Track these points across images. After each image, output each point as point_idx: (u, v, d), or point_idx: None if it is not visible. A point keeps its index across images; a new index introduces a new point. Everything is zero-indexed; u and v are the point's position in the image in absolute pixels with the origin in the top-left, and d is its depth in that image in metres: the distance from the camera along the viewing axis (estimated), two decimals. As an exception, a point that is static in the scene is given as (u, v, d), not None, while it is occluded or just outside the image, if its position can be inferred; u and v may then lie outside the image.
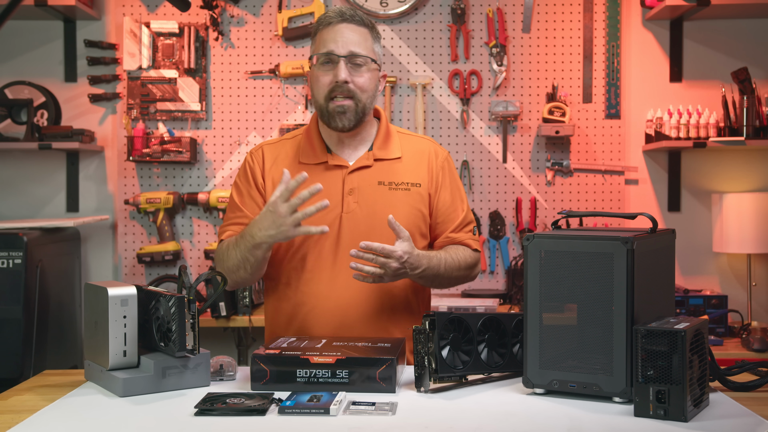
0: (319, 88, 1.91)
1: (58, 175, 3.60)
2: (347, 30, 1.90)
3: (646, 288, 1.54)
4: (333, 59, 1.89)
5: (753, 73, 3.38)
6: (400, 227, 1.78)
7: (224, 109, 3.59)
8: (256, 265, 1.86)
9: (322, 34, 1.92)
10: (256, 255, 1.83)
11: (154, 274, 3.55)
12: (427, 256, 1.87)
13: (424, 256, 1.86)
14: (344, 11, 1.93)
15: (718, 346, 3.10)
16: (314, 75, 1.93)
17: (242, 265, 1.86)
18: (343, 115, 1.89)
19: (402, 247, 1.78)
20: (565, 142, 3.55)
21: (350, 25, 1.91)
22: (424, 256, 1.86)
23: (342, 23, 1.91)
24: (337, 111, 1.89)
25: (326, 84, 1.89)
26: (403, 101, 3.58)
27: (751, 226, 3.34)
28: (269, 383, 1.60)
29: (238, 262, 1.87)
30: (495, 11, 3.55)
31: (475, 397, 1.57)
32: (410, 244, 1.80)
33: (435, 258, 1.89)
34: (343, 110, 1.89)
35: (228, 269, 1.90)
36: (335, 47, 1.88)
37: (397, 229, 1.78)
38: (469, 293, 3.43)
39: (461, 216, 2.02)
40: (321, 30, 1.93)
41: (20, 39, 3.58)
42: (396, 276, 1.81)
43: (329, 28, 1.91)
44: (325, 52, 1.89)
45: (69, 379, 1.78)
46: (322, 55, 1.90)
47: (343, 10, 1.93)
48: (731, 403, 1.53)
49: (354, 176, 1.95)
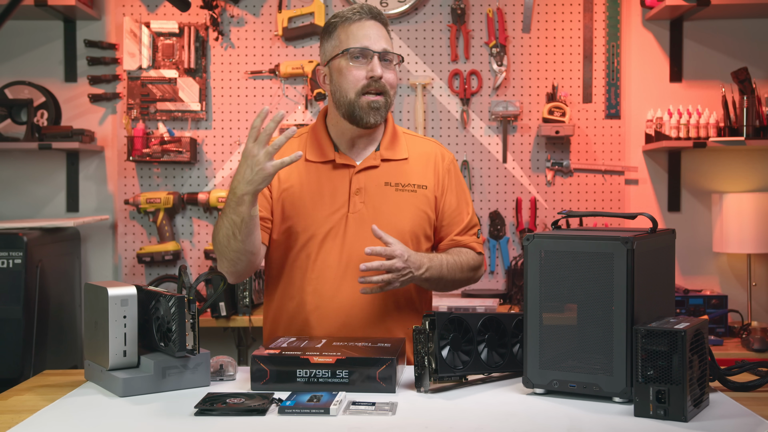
0: (349, 82, 1.88)
1: (58, 175, 3.60)
2: (375, 27, 1.91)
3: (646, 288, 1.54)
4: (367, 54, 1.88)
5: (753, 73, 3.38)
6: (385, 235, 1.79)
7: (224, 109, 3.59)
8: (246, 230, 1.77)
9: (350, 29, 1.90)
10: (241, 213, 1.75)
11: (154, 274, 3.55)
12: (427, 256, 1.88)
13: (423, 255, 1.87)
14: (371, 8, 1.92)
15: (718, 346, 3.10)
16: (344, 68, 1.89)
17: (232, 231, 1.78)
18: (376, 111, 1.88)
19: (397, 246, 1.79)
20: (565, 142, 3.55)
21: (377, 23, 1.92)
22: (423, 255, 1.87)
23: (371, 20, 1.91)
24: (372, 106, 1.88)
25: (359, 79, 1.87)
26: (403, 101, 3.58)
27: (751, 226, 3.34)
28: (269, 383, 1.60)
29: (227, 231, 1.79)
30: (495, 11, 3.55)
31: (475, 397, 1.57)
32: (402, 245, 1.81)
33: (436, 258, 1.90)
34: (377, 106, 1.88)
35: (220, 243, 1.82)
36: (370, 43, 1.88)
37: (384, 238, 1.79)
38: (469, 293, 3.43)
39: (466, 219, 2.02)
40: (347, 25, 1.90)
41: (20, 39, 3.58)
42: (404, 279, 1.81)
43: (359, 23, 1.90)
44: (360, 47, 1.88)
45: (69, 379, 1.78)
46: (357, 49, 1.88)
47: (370, 7, 1.93)
48: (731, 403, 1.53)
49: (361, 176, 1.94)
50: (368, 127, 1.91)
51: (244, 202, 1.75)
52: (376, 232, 1.79)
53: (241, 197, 1.74)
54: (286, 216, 1.93)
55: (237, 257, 1.83)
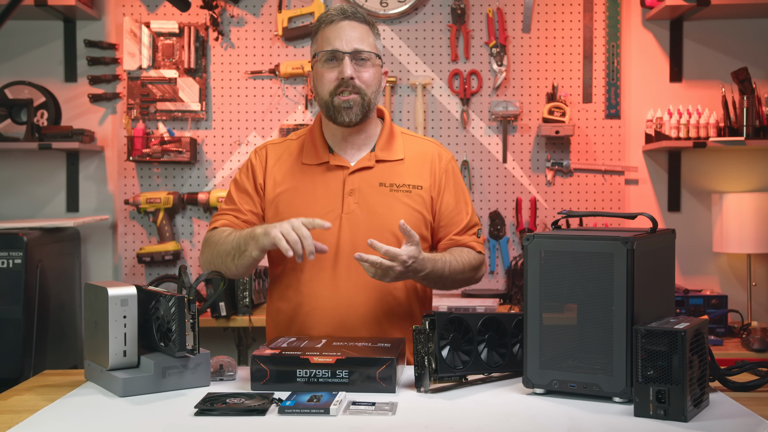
0: (323, 84, 1.91)
1: (58, 175, 3.61)
2: (349, 27, 1.91)
3: (646, 288, 1.54)
4: (338, 56, 1.89)
5: (753, 73, 3.38)
6: (411, 232, 1.75)
7: (224, 109, 3.59)
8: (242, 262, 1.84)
9: (325, 31, 1.92)
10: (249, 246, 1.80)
11: (154, 274, 3.55)
12: (432, 260, 1.84)
13: (429, 259, 1.82)
14: (346, 9, 1.93)
15: (718, 346, 3.10)
16: (318, 72, 1.92)
17: (233, 254, 1.84)
18: (349, 110, 1.89)
19: (408, 251, 1.75)
20: (565, 142, 3.55)
21: (352, 22, 1.92)
22: (429, 259, 1.82)
23: (344, 20, 1.91)
24: (344, 106, 1.89)
25: (331, 80, 1.89)
26: (403, 101, 3.58)
27: (751, 226, 3.34)
28: (269, 383, 1.60)
29: (229, 249, 1.85)
30: (495, 11, 3.55)
31: (475, 397, 1.57)
32: (418, 249, 1.76)
33: (440, 261, 1.87)
34: (349, 105, 1.89)
35: (218, 253, 1.88)
36: (340, 44, 1.89)
37: (408, 233, 1.75)
38: (469, 293, 3.43)
39: (466, 219, 2.01)
40: (323, 28, 1.93)
41: (20, 39, 3.58)
42: (398, 278, 1.79)
43: (332, 25, 1.91)
44: (330, 49, 1.89)
45: (69, 379, 1.78)
46: (326, 52, 1.89)
47: (344, 7, 1.93)
48: (731, 403, 1.53)
49: (355, 177, 1.94)
50: (346, 125, 1.92)
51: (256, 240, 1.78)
52: (402, 226, 1.74)
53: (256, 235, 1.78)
54: (281, 218, 1.92)
55: (224, 270, 1.91)
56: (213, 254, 1.91)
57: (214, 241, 1.92)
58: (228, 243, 1.87)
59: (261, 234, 1.77)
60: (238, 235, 1.86)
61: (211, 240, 1.94)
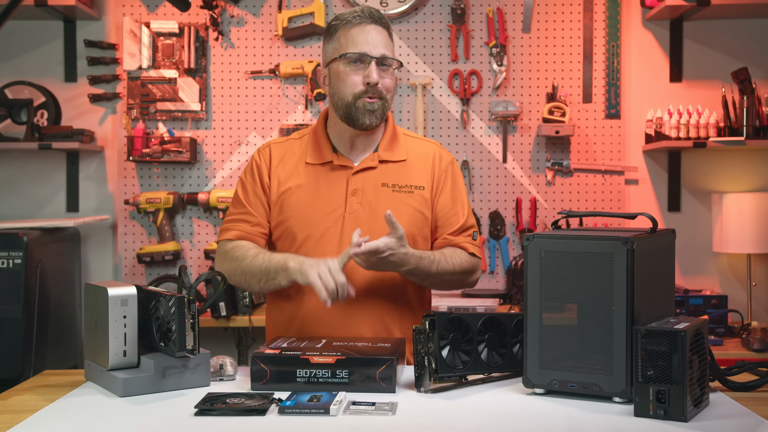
0: (347, 86, 1.90)
1: (58, 175, 3.61)
2: (376, 31, 1.91)
3: (646, 288, 1.54)
4: (364, 59, 1.89)
5: (753, 73, 3.38)
6: (396, 224, 1.78)
7: (224, 109, 3.59)
8: (269, 287, 1.89)
9: (350, 33, 1.91)
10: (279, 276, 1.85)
11: (154, 274, 3.55)
12: (418, 257, 1.85)
13: (414, 255, 1.84)
14: (373, 12, 1.93)
15: (718, 346, 3.10)
16: (342, 72, 1.91)
17: (259, 277, 1.88)
18: (372, 113, 1.90)
19: (386, 242, 1.78)
20: (565, 142, 3.55)
21: (378, 27, 1.93)
22: (414, 255, 1.84)
23: (372, 24, 1.92)
24: (368, 109, 1.89)
25: (356, 83, 1.89)
26: (403, 101, 3.58)
27: (751, 226, 3.34)
28: (269, 383, 1.60)
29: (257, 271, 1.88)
30: (495, 11, 3.55)
31: (475, 397, 1.58)
32: (399, 242, 1.79)
33: (427, 259, 1.87)
34: (373, 109, 1.90)
35: (242, 270, 1.91)
36: (368, 48, 1.89)
37: (393, 224, 1.78)
38: (469, 293, 3.43)
39: (461, 221, 2.01)
40: (348, 28, 1.92)
41: (20, 39, 3.58)
42: (375, 267, 1.82)
43: (360, 27, 1.91)
44: (359, 52, 1.89)
45: (69, 379, 1.78)
46: (354, 54, 1.89)
47: (371, 11, 1.93)
48: (731, 403, 1.53)
49: (358, 177, 1.95)
50: (364, 128, 1.92)
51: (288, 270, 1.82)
52: (387, 217, 1.78)
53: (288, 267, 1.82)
54: (284, 217, 1.94)
55: (245, 287, 1.96)
56: (235, 270, 1.92)
57: (237, 256, 1.92)
58: (255, 266, 1.88)
59: (295, 270, 1.80)
60: (268, 260, 1.87)
61: (233, 255, 1.94)
